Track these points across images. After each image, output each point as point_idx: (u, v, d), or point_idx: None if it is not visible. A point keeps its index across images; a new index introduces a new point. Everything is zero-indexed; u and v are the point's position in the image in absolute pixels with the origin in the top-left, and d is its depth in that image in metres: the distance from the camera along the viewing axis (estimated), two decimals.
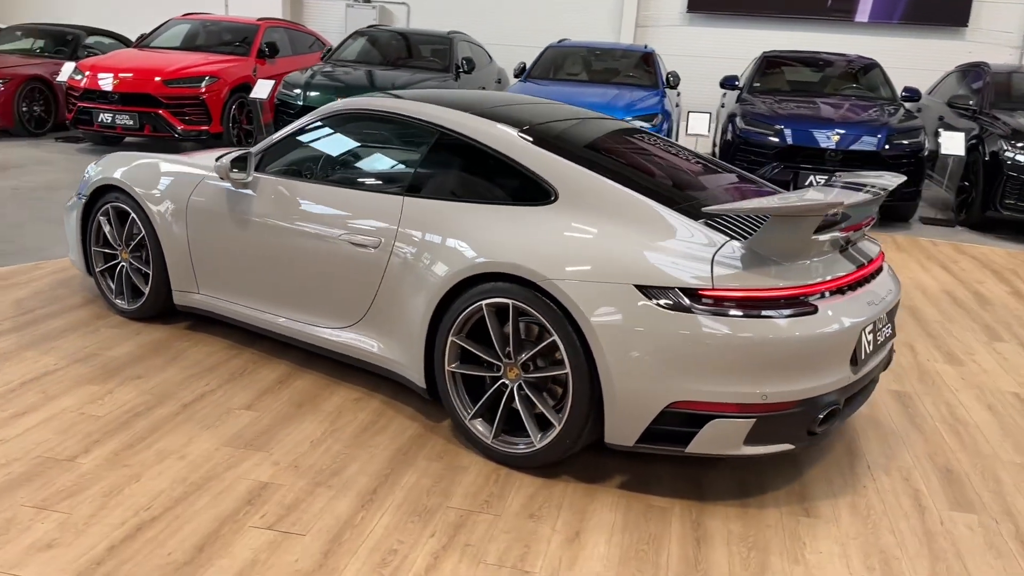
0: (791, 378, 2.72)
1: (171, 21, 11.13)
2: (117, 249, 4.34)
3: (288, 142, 3.88)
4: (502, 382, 3.05)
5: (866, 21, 13.26)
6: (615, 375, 2.75)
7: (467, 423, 3.14)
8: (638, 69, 9.68)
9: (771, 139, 7.96)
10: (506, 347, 3.01)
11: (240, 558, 2.48)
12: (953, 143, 8.29)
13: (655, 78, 9.45)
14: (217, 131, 9.60)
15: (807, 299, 2.76)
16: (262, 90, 9.59)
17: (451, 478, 2.99)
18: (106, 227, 4.34)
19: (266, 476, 2.93)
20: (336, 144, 3.80)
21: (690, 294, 2.71)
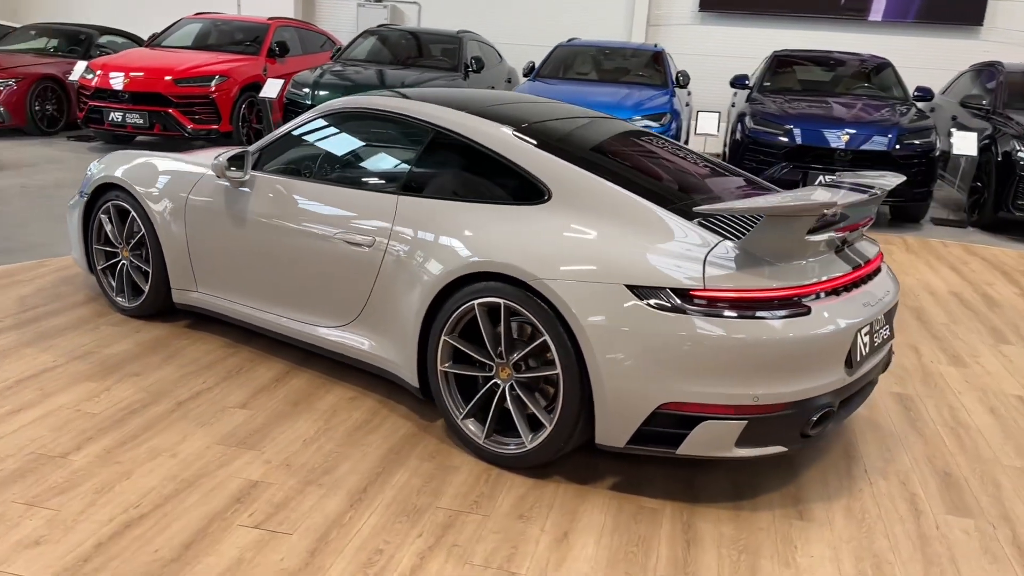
0: (784, 380, 2.69)
1: (182, 20, 11.20)
2: (118, 247, 4.36)
3: (284, 141, 3.88)
4: (494, 382, 3.03)
5: (880, 20, 13.13)
6: (605, 375, 2.73)
7: (459, 423, 3.12)
8: (648, 68, 9.64)
9: (780, 139, 7.89)
10: (498, 347, 3.00)
11: (227, 556, 2.48)
12: (965, 143, 8.19)
13: (665, 77, 9.40)
14: (227, 130, 9.65)
15: (801, 300, 2.73)
16: (272, 89, 9.63)
17: (442, 478, 2.98)
18: (107, 225, 4.36)
19: (257, 474, 2.93)
20: (332, 143, 3.80)
21: (681, 294, 2.68)
